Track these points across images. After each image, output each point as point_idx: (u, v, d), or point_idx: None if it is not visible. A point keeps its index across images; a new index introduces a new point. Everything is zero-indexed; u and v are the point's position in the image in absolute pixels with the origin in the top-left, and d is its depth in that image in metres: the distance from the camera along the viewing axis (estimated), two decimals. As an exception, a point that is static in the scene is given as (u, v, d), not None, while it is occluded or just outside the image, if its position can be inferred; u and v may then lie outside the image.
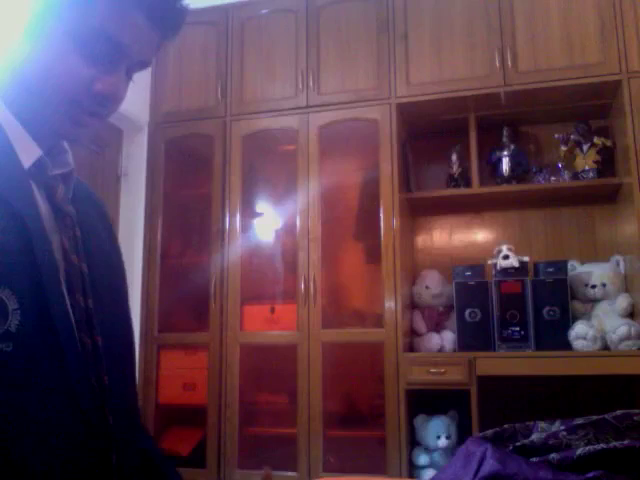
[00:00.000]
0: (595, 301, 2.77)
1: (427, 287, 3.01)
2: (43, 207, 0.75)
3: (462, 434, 2.71)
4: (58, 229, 0.76)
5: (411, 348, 2.91)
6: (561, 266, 2.77)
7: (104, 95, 0.76)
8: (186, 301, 3.26)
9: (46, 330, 0.66)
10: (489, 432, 0.99)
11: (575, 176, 2.92)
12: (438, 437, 2.71)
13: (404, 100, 2.94)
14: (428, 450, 2.74)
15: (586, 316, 2.74)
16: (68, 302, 0.72)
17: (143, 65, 0.81)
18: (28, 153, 0.75)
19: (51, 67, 0.74)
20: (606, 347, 2.61)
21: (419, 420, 2.78)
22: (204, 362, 3.04)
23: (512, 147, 3.04)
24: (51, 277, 0.69)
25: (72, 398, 0.68)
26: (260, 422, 3.19)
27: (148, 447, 0.93)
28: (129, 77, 0.80)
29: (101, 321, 0.77)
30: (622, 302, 2.67)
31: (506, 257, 2.78)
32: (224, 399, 2.96)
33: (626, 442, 0.82)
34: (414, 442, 2.79)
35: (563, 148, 2.98)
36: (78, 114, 0.76)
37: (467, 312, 2.79)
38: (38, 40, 0.74)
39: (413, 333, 2.97)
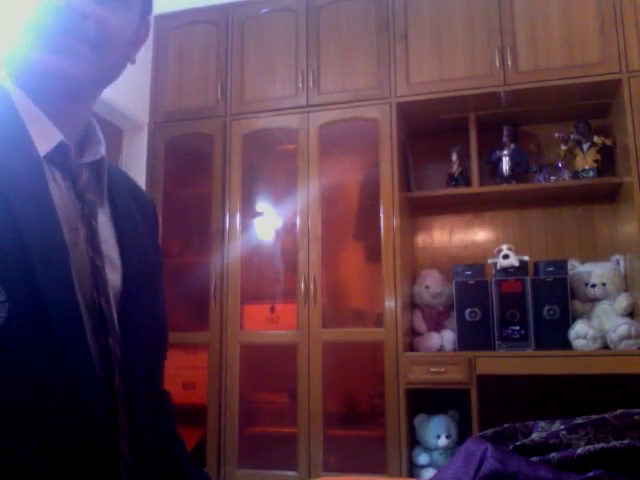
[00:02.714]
0: (595, 300, 2.77)
1: (427, 286, 3.01)
2: (65, 196, 0.74)
3: (462, 433, 2.72)
4: (83, 219, 0.75)
5: (411, 348, 2.90)
6: (561, 265, 2.77)
7: (87, 12, 0.73)
8: (186, 300, 3.25)
9: (40, 323, 0.64)
10: (489, 431, 0.99)
11: (575, 175, 2.92)
12: (438, 436, 2.71)
13: (404, 99, 2.94)
14: (428, 449, 2.74)
15: (586, 315, 2.74)
16: (80, 295, 0.70)
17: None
18: (47, 139, 0.73)
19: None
20: (606, 346, 2.61)
21: (419, 419, 2.78)
22: (204, 361, 3.04)
23: (512, 146, 3.04)
24: (49, 267, 0.66)
25: (72, 394, 0.65)
26: (260, 422, 3.19)
27: (175, 453, 0.91)
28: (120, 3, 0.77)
29: (128, 318, 0.76)
30: (622, 301, 2.67)
31: (506, 256, 2.78)
32: (224, 399, 2.96)
33: (626, 441, 0.82)
34: (414, 441, 2.79)
35: (563, 147, 2.98)
36: (59, 38, 0.72)
37: (467, 311, 2.79)
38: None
39: (413, 333, 2.97)
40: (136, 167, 3.28)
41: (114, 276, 0.77)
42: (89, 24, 0.74)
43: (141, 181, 3.25)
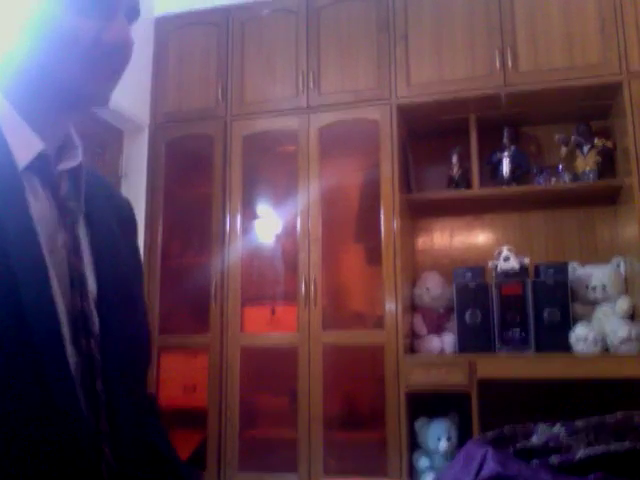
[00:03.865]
0: (596, 303, 2.76)
1: (427, 289, 3.00)
2: (44, 204, 0.74)
3: (463, 436, 2.71)
4: (63, 227, 0.75)
5: (412, 350, 2.90)
6: (562, 268, 2.76)
7: (115, 43, 0.76)
8: (187, 303, 3.25)
9: (20, 332, 0.64)
10: (489, 434, 0.98)
11: (575, 177, 2.91)
12: (439, 439, 2.70)
13: (404, 101, 2.94)
14: (429, 453, 2.73)
15: (587, 318, 2.73)
16: (60, 303, 0.71)
17: (136, 12, 0.80)
18: (28, 148, 0.73)
19: (56, 35, 0.73)
20: (606, 349, 2.60)
21: (420, 422, 2.77)
22: (204, 364, 3.03)
23: (512, 148, 3.03)
24: (30, 278, 0.67)
25: (50, 400, 0.66)
26: (261, 424, 3.18)
27: (166, 453, 0.91)
28: (129, 23, 0.80)
29: (106, 323, 0.76)
30: (622, 304, 2.66)
31: (507, 259, 2.77)
32: (224, 401, 2.95)
33: (626, 444, 0.82)
34: (415, 445, 2.78)
35: (563, 149, 2.98)
36: (98, 71, 0.75)
37: (467, 314, 2.79)
38: (38, 20, 0.74)
39: (413, 335, 2.96)
40: (137, 169, 3.28)
41: (91, 282, 0.78)
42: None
43: (142, 183, 3.25)
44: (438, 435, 2.71)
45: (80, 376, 0.71)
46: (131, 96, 3.03)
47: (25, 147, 0.73)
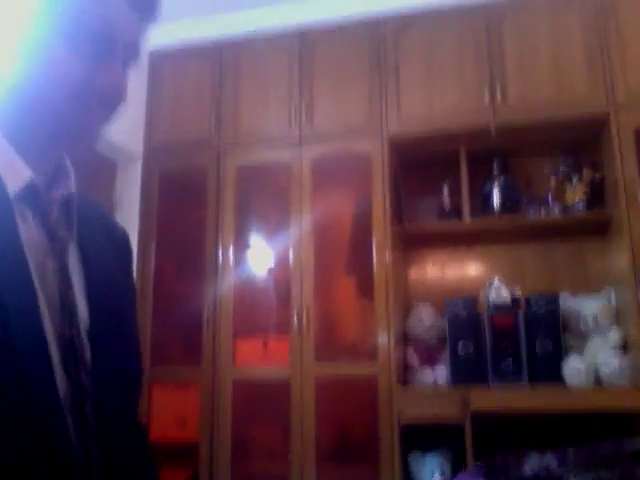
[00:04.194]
0: (587, 334, 2.76)
1: (420, 320, 3.00)
2: (33, 232, 0.74)
3: (457, 470, 2.67)
4: (52, 254, 0.75)
5: (405, 382, 2.87)
6: (553, 299, 2.77)
7: (108, 84, 0.76)
8: (178, 335, 3.23)
9: (8, 360, 0.65)
10: (482, 463, 0.97)
11: (565, 208, 2.93)
12: (432, 474, 2.67)
13: (396, 133, 2.97)
14: (422, 486, 2.69)
15: (579, 349, 2.73)
16: (50, 329, 0.71)
17: (134, 54, 0.81)
18: (17, 176, 0.74)
19: (48, 70, 0.74)
20: (599, 381, 2.60)
21: (413, 456, 2.74)
22: (196, 397, 2.99)
23: (502, 180, 3.05)
24: (19, 303, 0.67)
25: (40, 429, 0.65)
26: (253, 458, 3.13)
27: None
28: (125, 68, 0.80)
29: (97, 350, 0.76)
30: (614, 335, 2.66)
31: (498, 290, 2.78)
32: (216, 435, 2.91)
33: (616, 473, 0.81)
34: (408, 479, 2.74)
35: (552, 181, 3.00)
36: (86, 108, 0.76)
37: (460, 345, 2.78)
38: (31, 51, 0.74)
39: (406, 367, 2.94)
40: (130, 199, 3.28)
41: (82, 310, 0.78)
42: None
43: (134, 213, 3.25)
44: (432, 470, 2.68)
45: (70, 403, 0.71)
46: (124, 127, 3.04)
47: (14, 175, 0.73)
